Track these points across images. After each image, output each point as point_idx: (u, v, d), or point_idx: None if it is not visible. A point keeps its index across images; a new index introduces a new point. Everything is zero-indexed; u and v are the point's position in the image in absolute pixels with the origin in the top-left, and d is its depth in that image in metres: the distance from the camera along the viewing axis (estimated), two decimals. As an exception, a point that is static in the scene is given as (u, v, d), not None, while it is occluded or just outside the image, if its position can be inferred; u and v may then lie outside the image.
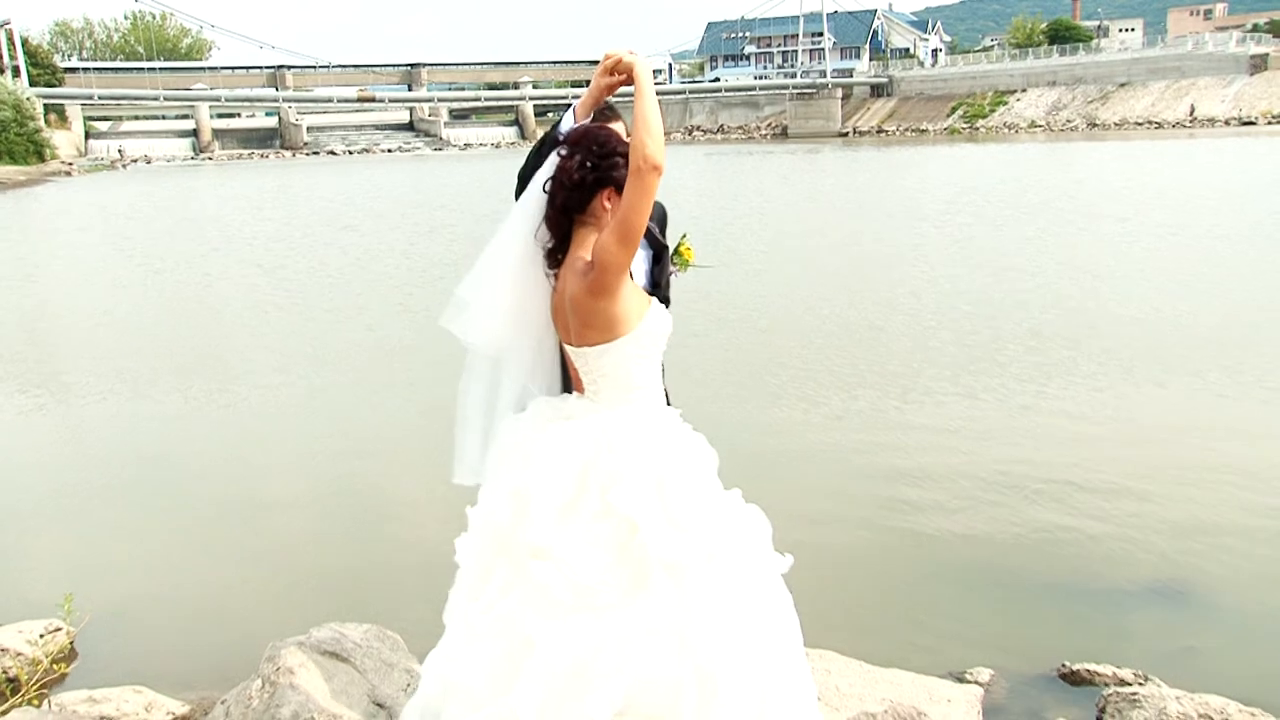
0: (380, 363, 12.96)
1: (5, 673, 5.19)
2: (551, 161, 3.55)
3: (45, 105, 76.46)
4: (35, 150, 70.22)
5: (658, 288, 4.02)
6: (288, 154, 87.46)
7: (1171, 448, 8.73)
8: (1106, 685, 4.88)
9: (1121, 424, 9.44)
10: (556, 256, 3.57)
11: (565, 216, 3.53)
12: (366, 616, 5.02)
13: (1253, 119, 72.62)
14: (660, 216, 4.14)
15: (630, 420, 3.50)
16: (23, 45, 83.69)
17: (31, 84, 78.36)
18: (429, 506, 7.25)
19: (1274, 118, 71.96)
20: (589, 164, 3.45)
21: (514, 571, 3.45)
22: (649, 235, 3.96)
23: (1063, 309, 14.52)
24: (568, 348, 3.58)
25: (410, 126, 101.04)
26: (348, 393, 11.53)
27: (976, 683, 4.91)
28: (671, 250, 4.12)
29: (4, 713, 4.42)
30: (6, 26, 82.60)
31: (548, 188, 3.53)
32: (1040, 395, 10.41)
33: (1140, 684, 4.81)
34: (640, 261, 4.00)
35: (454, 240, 25.48)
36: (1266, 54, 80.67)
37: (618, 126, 3.83)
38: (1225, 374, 10.85)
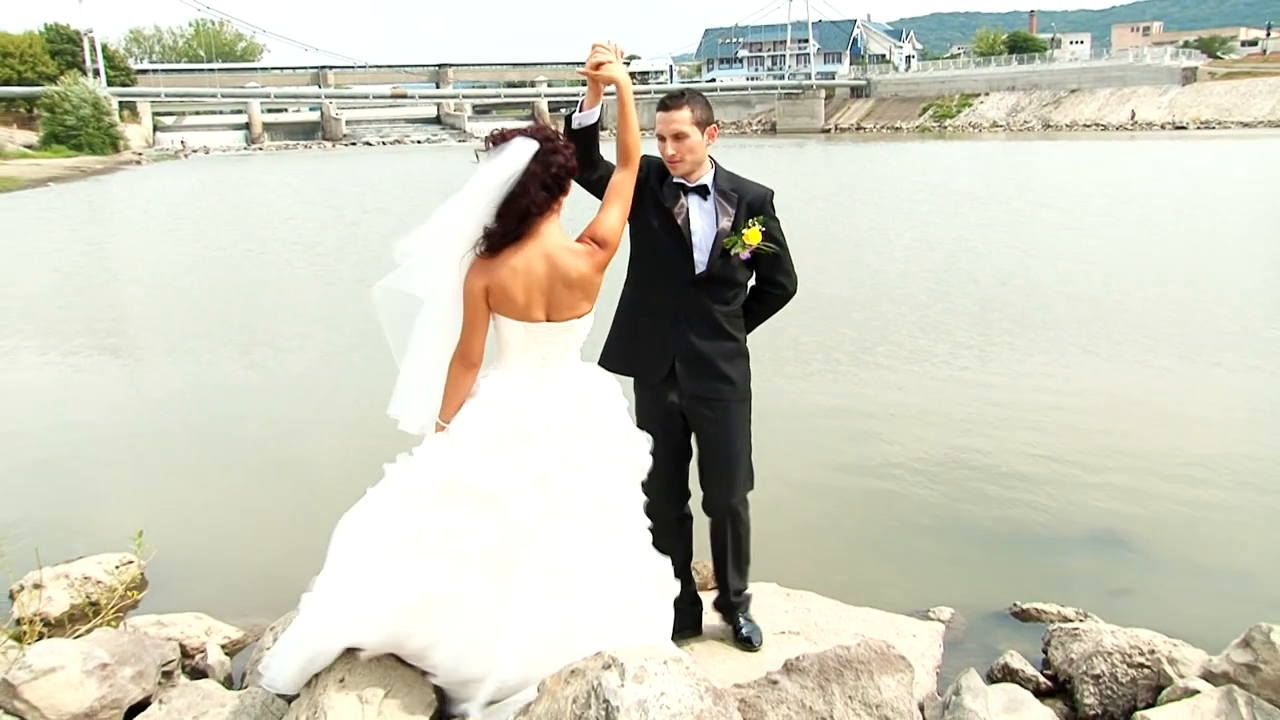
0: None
1: (88, 597, 5.24)
2: (524, 151, 3.42)
3: (120, 103, 76.17)
4: (111, 142, 70.11)
5: (724, 259, 3.93)
6: (329, 145, 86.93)
7: (1109, 411, 8.76)
8: (1052, 622, 4.90)
9: (1065, 389, 9.46)
10: (500, 240, 3.46)
11: (548, 203, 3.47)
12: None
13: (1184, 124, 72.92)
14: (765, 199, 4.03)
15: (597, 369, 3.70)
16: (102, 50, 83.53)
17: (109, 84, 78.01)
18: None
19: (1202, 123, 72.27)
20: (573, 157, 3.51)
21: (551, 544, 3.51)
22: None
23: (1010, 286, 14.57)
24: (541, 326, 3.50)
25: (437, 120, 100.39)
26: (374, 356, 11.49)
27: (939, 620, 4.91)
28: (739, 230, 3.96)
29: (88, 631, 4.46)
30: (89, 35, 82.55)
31: (548, 177, 3.42)
32: (990, 362, 10.45)
33: (1081, 620, 4.83)
34: (708, 236, 3.95)
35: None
36: (1196, 67, 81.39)
37: (684, 113, 3.83)
38: (1155, 344, 10.94)
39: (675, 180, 3.97)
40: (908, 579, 5.59)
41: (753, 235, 3.92)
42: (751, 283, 4.16)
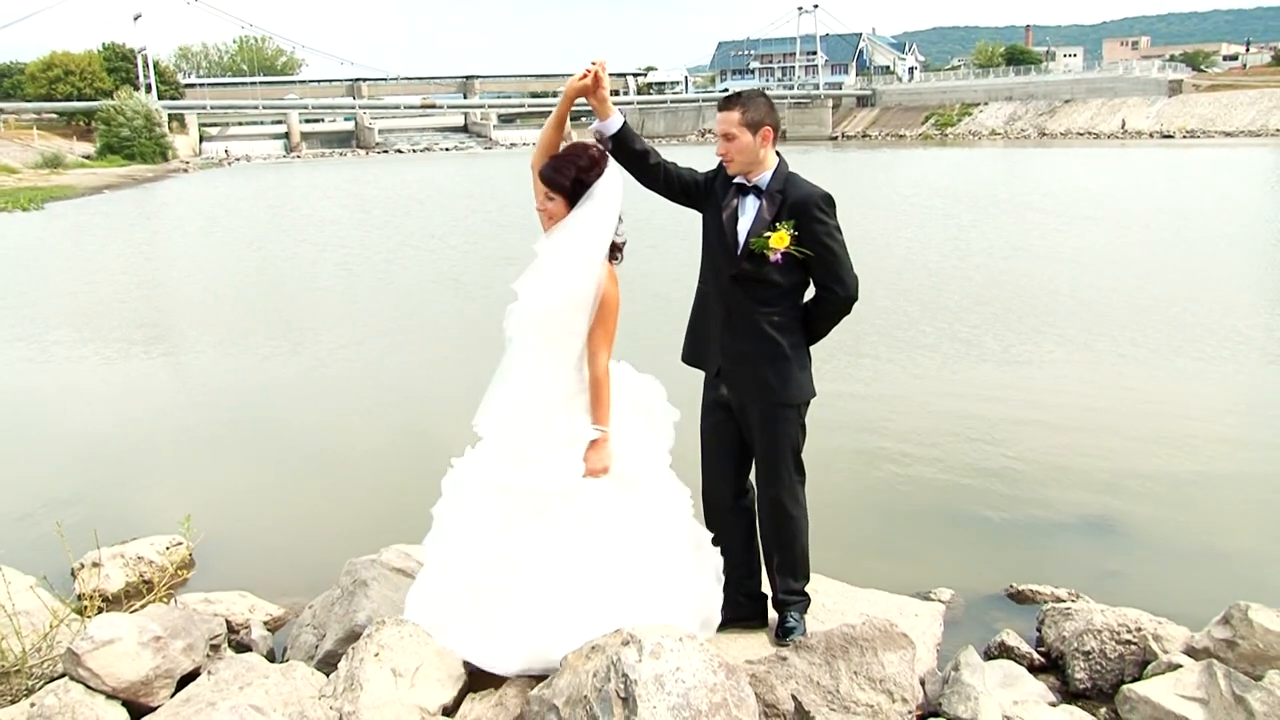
0: (428, 325, 13.06)
1: (141, 575, 5.33)
2: (619, 171, 3.73)
3: (169, 115, 76.37)
4: (160, 152, 70.47)
5: (753, 260, 3.76)
6: (363, 152, 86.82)
7: (1098, 401, 8.73)
8: (1045, 602, 4.90)
9: (1055, 380, 9.46)
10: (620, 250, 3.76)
11: None
12: (428, 541, 5.05)
13: (1171, 133, 72.58)
14: (809, 201, 3.77)
15: None
16: (154, 67, 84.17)
17: (159, 98, 78.37)
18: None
19: (1188, 132, 72.01)
20: None
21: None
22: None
23: (1000, 284, 14.52)
24: None
25: (465, 129, 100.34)
26: (404, 351, 11.58)
27: (939, 601, 4.91)
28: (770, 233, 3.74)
29: (142, 606, 4.50)
30: (143, 52, 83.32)
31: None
32: (980, 355, 10.45)
33: (1073, 600, 4.83)
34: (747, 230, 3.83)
35: (495, 224, 25.36)
36: (1181, 80, 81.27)
37: (733, 114, 3.77)
38: (1136, 337, 10.95)
39: (736, 180, 3.84)
40: (910, 562, 5.58)
41: (778, 239, 3.69)
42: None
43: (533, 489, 3.59)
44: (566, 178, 3.60)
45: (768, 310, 3.81)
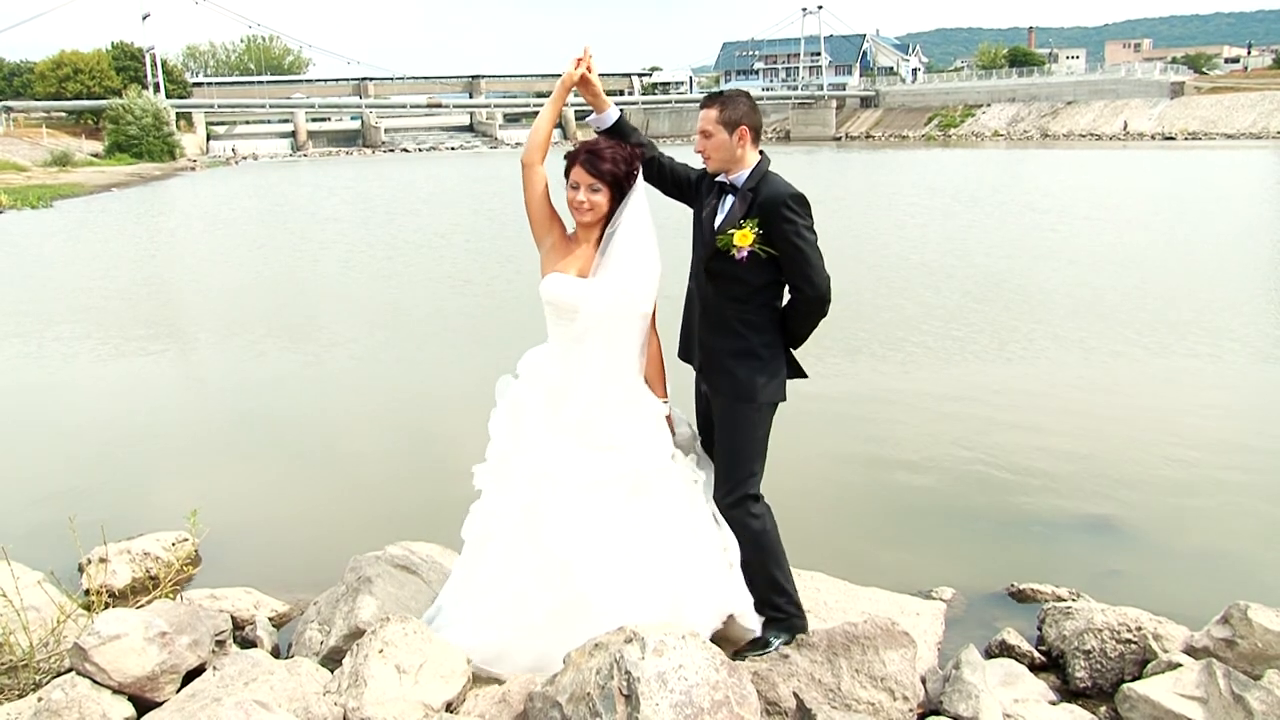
0: (432, 323, 13.04)
1: (147, 571, 5.34)
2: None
3: (177, 114, 76.60)
4: (168, 150, 70.68)
5: (720, 257, 3.74)
6: (369, 151, 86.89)
7: (1099, 400, 8.72)
8: (1046, 601, 4.89)
9: (1055, 379, 9.44)
10: None
11: None
12: (431, 537, 5.07)
13: (1173, 135, 72.61)
14: (778, 199, 3.69)
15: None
16: (162, 66, 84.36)
17: (167, 97, 78.58)
18: (482, 445, 7.30)
19: (1190, 134, 72.04)
20: None
21: None
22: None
23: (1001, 283, 14.49)
24: None
25: (471, 128, 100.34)
26: (408, 348, 11.58)
27: (940, 599, 4.90)
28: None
29: (148, 602, 4.52)
30: (151, 52, 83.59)
31: None
32: (980, 355, 10.40)
33: (1074, 600, 4.82)
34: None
35: (498, 222, 25.30)
36: (1183, 82, 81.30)
37: (711, 113, 3.78)
38: (1133, 337, 10.90)
39: (719, 179, 3.84)
40: (911, 561, 5.57)
41: (742, 236, 3.65)
42: None
43: (639, 472, 3.68)
44: (620, 170, 3.66)
45: (740, 307, 3.80)
